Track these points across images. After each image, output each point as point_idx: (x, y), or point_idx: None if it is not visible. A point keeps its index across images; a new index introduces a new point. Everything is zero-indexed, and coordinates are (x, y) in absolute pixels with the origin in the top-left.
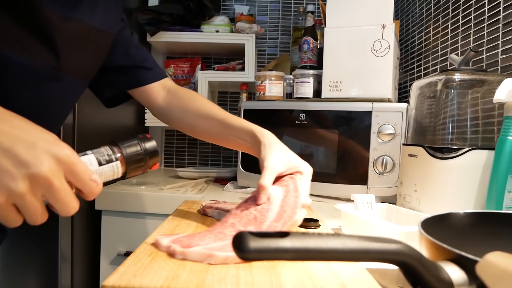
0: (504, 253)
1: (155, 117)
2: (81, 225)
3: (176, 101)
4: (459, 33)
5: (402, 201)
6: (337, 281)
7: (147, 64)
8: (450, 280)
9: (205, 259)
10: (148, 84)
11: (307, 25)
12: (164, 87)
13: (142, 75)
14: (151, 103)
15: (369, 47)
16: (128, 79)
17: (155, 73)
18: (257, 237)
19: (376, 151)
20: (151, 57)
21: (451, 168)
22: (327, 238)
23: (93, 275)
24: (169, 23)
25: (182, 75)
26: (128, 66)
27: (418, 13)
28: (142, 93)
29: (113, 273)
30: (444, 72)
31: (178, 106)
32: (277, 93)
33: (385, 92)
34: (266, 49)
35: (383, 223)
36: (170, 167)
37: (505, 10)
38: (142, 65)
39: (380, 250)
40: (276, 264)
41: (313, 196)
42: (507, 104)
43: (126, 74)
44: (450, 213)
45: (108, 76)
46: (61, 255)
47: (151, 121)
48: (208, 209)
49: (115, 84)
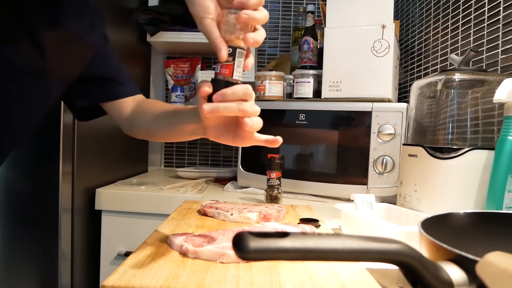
0: (504, 253)
1: (123, 130)
2: (81, 225)
3: (139, 108)
4: (459, 33)
5: (402, 201)
6: (337, 281)
7: (123, 79)
8: (450, 280)
9: (217, 258)
10: (123, 98)
11: (307, 25)
12: (134, 101)
13: (118, 88)
14: (121, 117)
15: (369, 47)
16: (103, 92)
17: (131, 88)
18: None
19: (376, 151)
20: (128, 73)
21: (451, 168)
22: (327, 238)
23: (93, 275)
24: (169, 23)
25: (182, 75)
26: (106, 78)
27: (418, 13)
28: (115, 106)
29: (113, 273)
30: (444, 72)
31: (140, 111)
32: (277, 93)
33: (385, 92)
34: (266, 49)
35: (383, 223)
36: (170, 167)
37: (505, 10)
38: (119, 79)
39: (380, 250)
40: (276, 264)
41: (313, 196)
42: (507, 104)
43: (103, 87)
44: (450, 213)
45: (84, 86)
46: (61, 255)
47: None
48: (208, 209)
49: (90, 95)
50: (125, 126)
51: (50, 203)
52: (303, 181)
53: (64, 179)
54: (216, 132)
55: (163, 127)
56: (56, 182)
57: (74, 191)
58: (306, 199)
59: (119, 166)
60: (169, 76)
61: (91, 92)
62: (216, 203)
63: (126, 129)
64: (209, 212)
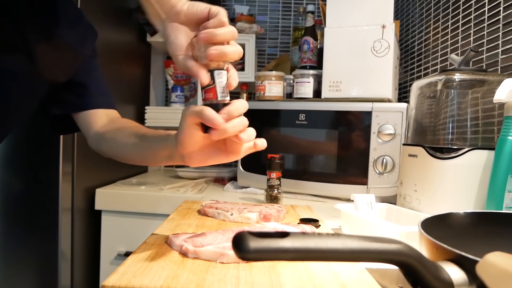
0: (504, 253)
1: (90, 145)
2: (81, 225)
3: (111, 126)
4: (459, 33)
5: (402, 201)
6: (337, 281)
7: (101, 91)
8: (450, 280)
9: (217, 258)
10: (96, 108)
11: (307, 25)
12: (108, 116)
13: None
14: (90, 130)
15: (369, 47)
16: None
17: (107, 101)
18: (257, 237)
19: (376, 151)
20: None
21: (451, 168)
22: (327, 238)
23: (93, 275)
24: None
25: (182, 75)
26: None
27: (418, 13)
28: (86, 117)
29: (113, 273)
30: (444, 72)
31: (111, 129)
32: (277, 93)
33: (385, 92)
34: (266, 49)
35: (383, 223)
36: (170, 167)
37: (505, 10)
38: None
39: (380, 250)
40: (276, 264)
41: (313, 196)
42: (507, 104)
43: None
44: (450, 213)
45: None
46: (61, 255)
47: (151, 121)
48: (208, 209)
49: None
50: (92, 140)
51: (50, 203)
52: (303, 181)
53: (64, 179)
54: (204, 157)
55: (133, 151)
56: (56, 182)
57: (74, 191)
58: (306, 199)
59: (119, 166)
60: (169, 76)
61: (67, 99)
62: (216, 203)
63: (92, 144)
64: (209, 212)
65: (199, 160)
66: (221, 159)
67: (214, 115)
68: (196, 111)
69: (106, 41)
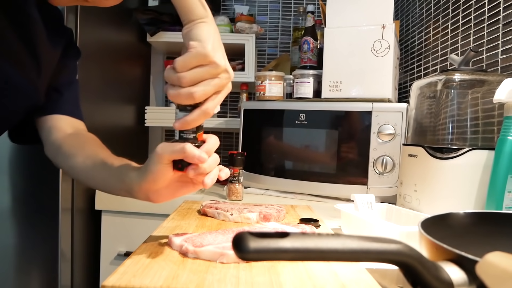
0: (504, 253)
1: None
2: (81, 225)
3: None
4: (459, 33)
5: (402, 201)
6: (337, 281)
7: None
8: (450, 280)
9: (217, 258)
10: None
11: (307, 25)
12: (73, 127)
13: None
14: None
15: (369, 47)
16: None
17: (74, 110)
18: (257, 237)
19: (376, 151)
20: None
21: (451, 168)
22: (327, 238)
23: (93, 275)
24: (169, 23)
25: None
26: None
27: (418, 13)
28: (50, 121)
29: (113, 273)
30: (444, 72)
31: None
32: (277, 93)
33: (385, 92)
34: (266, 49)
35: (383, 223)
36: None
37: (505, 10)
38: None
39: (380, 250)
40: (276, 264)
41: (313, 196)
42: (507, 104)
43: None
44: (450, 213)
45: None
46: (61, 255)
47: (151, 121)
48: (208, 209)
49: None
50: (49, 149)
51: (50, 203)
52: (303, 181)
53: (64, 179)
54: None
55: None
56: (56, 182)
57: (74, 191)
58: (306, 199)
59: None
60: None
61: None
62: (216, 203)
63: (48, 153)
64: (209, 212)
65: (165, 195)
66: (188, 191)
67: (199, 153)
68: (177, 149)
69: (106, 41)
